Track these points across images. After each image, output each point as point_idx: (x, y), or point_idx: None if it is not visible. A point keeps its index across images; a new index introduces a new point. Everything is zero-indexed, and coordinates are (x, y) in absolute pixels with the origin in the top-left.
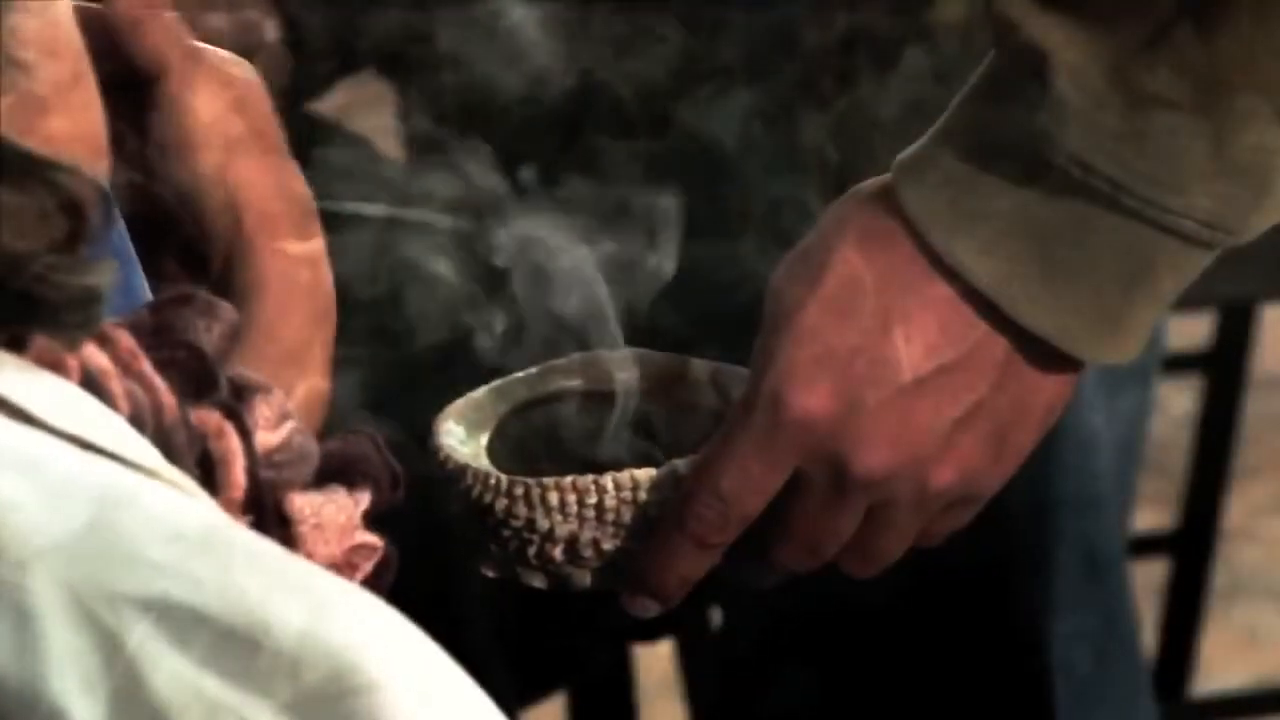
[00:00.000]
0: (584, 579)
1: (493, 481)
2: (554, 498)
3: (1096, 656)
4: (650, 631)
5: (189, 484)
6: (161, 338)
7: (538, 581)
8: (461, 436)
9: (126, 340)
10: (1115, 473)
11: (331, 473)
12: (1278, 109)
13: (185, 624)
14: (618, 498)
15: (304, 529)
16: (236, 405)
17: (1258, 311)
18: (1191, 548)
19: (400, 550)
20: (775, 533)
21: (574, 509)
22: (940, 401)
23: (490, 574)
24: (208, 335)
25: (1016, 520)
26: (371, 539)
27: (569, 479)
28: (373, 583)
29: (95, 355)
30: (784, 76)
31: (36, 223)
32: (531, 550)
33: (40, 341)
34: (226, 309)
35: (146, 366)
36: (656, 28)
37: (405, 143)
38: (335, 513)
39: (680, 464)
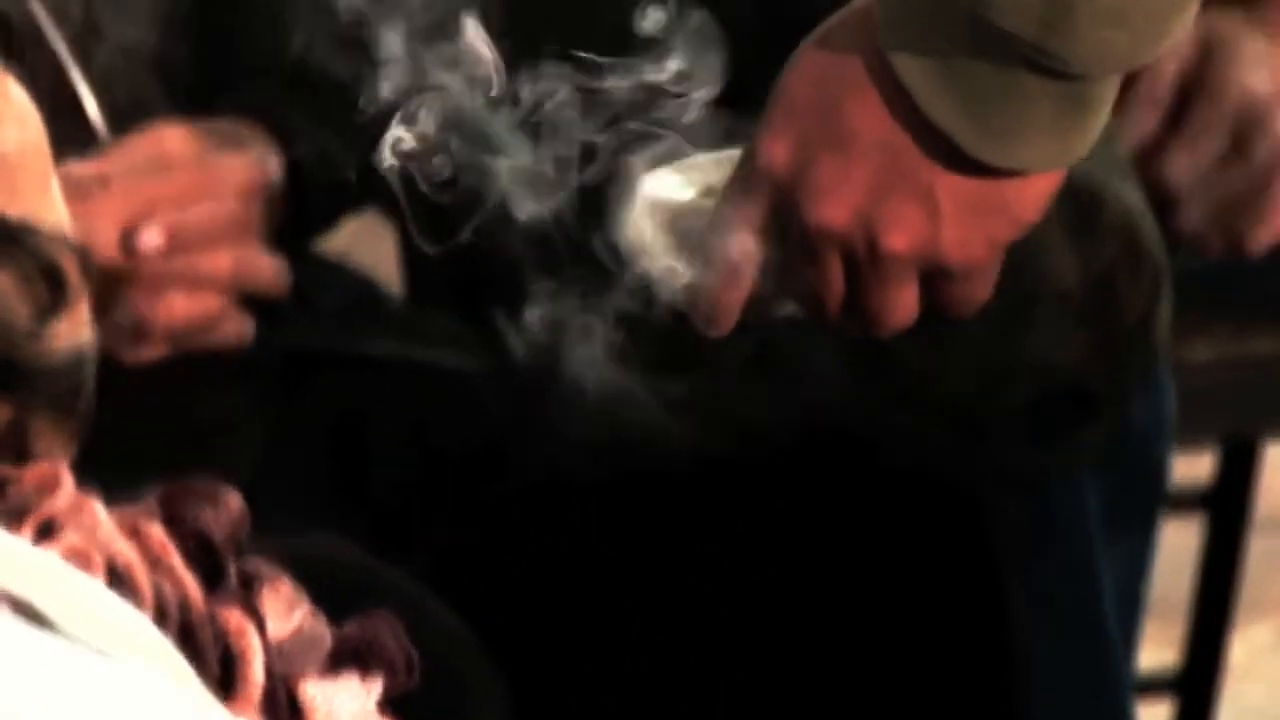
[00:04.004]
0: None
1: None
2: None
3: None
4: None
5: (203, 694)
6: (170, 527)
7: None
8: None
9: (158, 533)
10: (1119, 616)
11: (346, 656)
12: None
13: None
14: None
15: (316, 719)
16: (250, 598)
17: (1261, 449)
18: (1196, 687)
19: None
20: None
21: None
22: (884, 168)
23: None
24: (215, 523)
25: (1019, 664)
26: None
27: None
28: None
29: (123, 549)
30: None
31: (17, 289)
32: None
33: (69, 536)
34: (232, 496)
35: (176, 560)
36: None
37: (406, 279)
38: (348, 700)
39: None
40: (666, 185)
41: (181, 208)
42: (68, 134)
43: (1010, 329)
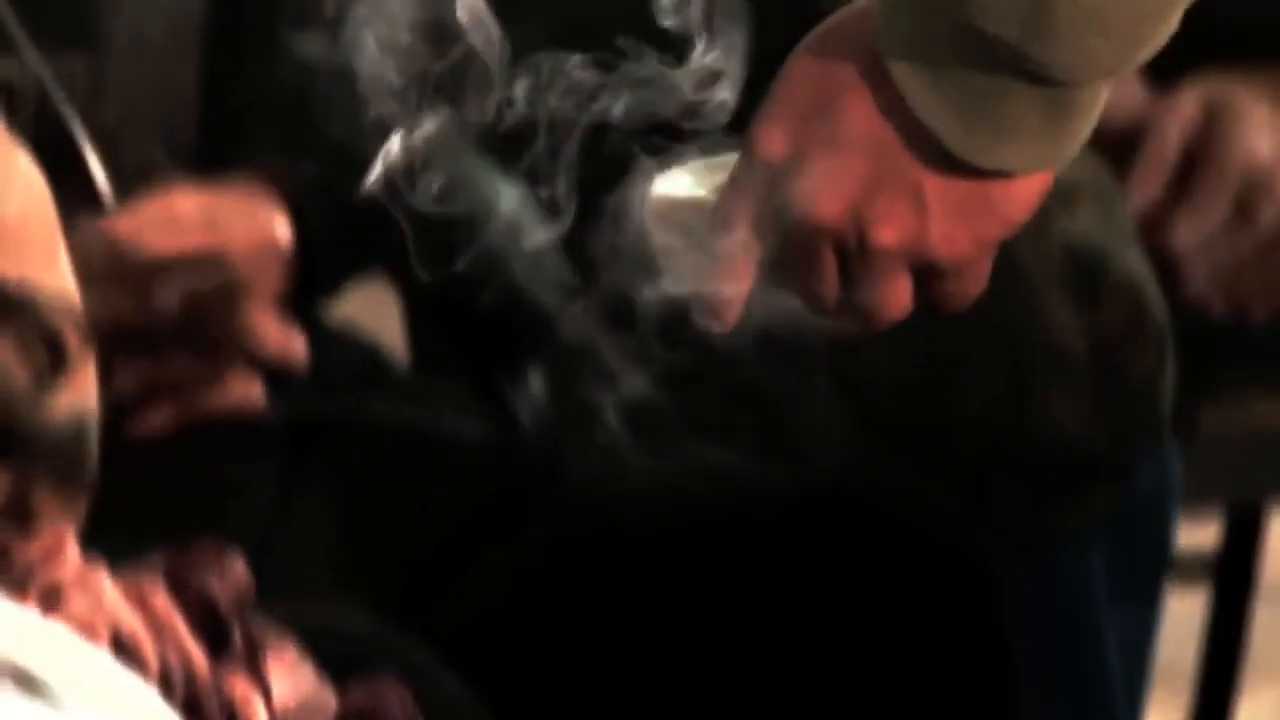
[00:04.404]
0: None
1: None
2: None
3: None
4: None
5: None
6: (175, 592)
7: None
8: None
9: (163, 600)
10: (1124, 683)
11: None
12: None
13: None
14: None
15: None
16: (255, 664)
17: (1267, 516)
18: None
19: None
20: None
21: None
22: (875, 166)
23: None
24: (220, 589)
25: None
26: None
27: None
28: None
29: (128, 617)
30: None
31: (17, 356)
32: None
33: (74, 604)
34: (237, 562)
35: (181, 628)
36: None
37: (411, 346)
38: None
39: None
40: (678, 185)
41: (192, 269)
42: (74, 198)
43: (1015, 393)
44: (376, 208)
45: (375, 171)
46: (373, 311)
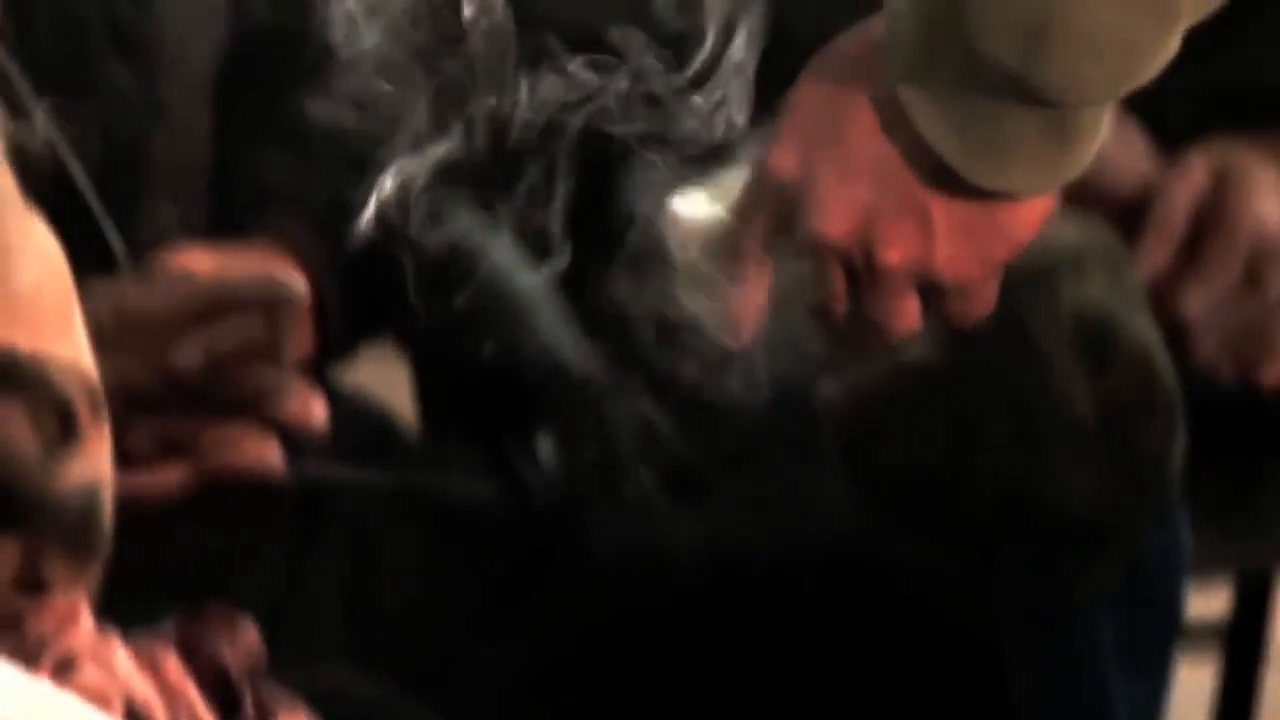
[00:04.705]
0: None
1: None
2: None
3: None
4: None
5: None
6: (187, 658)
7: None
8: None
9: (175, 666)
10: None
11: None
12: None
13: None
14: None
15: None
16: None
17: (1276, 584)
18: None
19: None
20: None
21: None
22: (882, 186)
23: None
24: (232, 654)
25: None
26: None
27: None
28: None
29: (140, 685)
30: None
31: (28, 425)
32: None
33: (87, 673)
34: (246, 625)
35: (194, 695)
36: None
37: (420, 412)
38: None
39: None
40: (695, 204)
41: (211, 329)
42: (88, 262)
43: (1024, 460)
44: (386, 268)
45: (370, 206)
46: (382, 378)
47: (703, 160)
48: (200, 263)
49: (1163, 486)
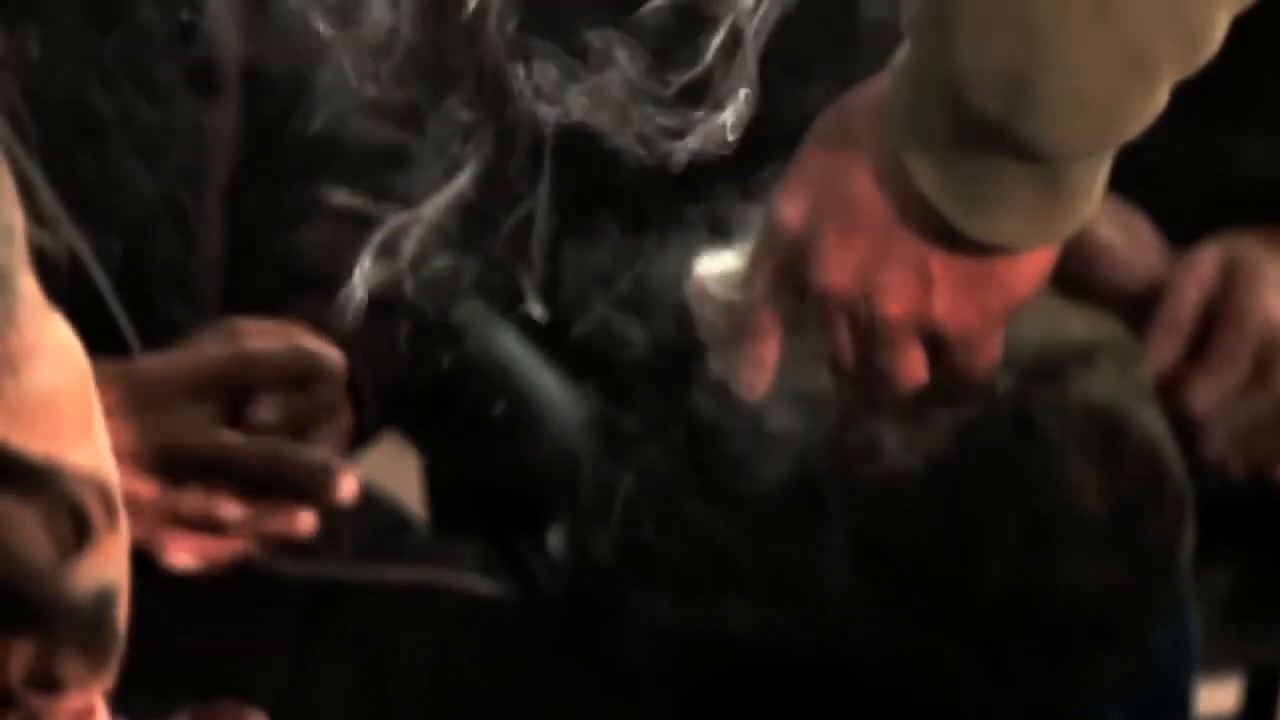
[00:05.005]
0: None
1: None
2: None
3: None
4: None
5: None
6: None
7: None
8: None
9: None
10: None
11: None
12: None
13: None
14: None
15: None
16: None
17: None
18: None
19: None
20: None
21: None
22: (884, 240)
23: None
24: None
25: None
26: None
27: None
28: None
29: None
30: None
31: (40, 528)
32: None
33: None
34: (258, 718)
35: None
36: None
37: (429, 505)
38: None
39: None
40: (720, 264)
41: (274, 398)
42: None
43: (1033, 553)
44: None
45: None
46: (391, 473)
47: (723, 222)
48: (261, 335)
49: (1172, 580)
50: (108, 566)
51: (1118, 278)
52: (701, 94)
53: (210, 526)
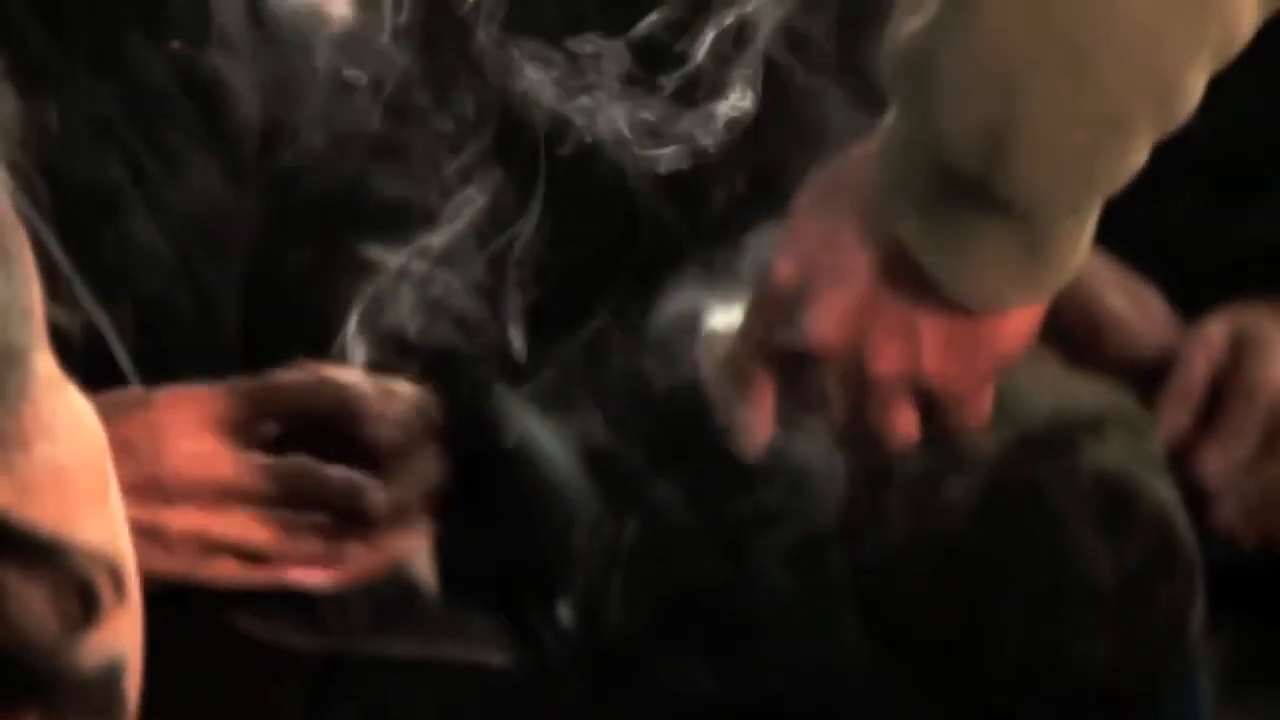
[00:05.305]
0: None
1: None
2: None
3: None
4: None
5: None
6: None
7: None
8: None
9: None
10: None
11: None
12: None
13: None
14: None
15: None
16: None
17: None
18: None
19: None
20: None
21: None
22: (872, 299)
23: None
24: None
25: None
26: None
27: None
28: None
29: None
30: None
31: (47, 604)
32: None
33: None
34: None
35: None
36: None
37: (439, 576)
38: None
39: None
40: (729, 319)
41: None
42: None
43: (1043, 623)
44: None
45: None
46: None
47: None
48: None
49: (1182, 650)
50: (116, 640)
51: (1127, 349)
52: (692, 94)
53: (247, 554)
